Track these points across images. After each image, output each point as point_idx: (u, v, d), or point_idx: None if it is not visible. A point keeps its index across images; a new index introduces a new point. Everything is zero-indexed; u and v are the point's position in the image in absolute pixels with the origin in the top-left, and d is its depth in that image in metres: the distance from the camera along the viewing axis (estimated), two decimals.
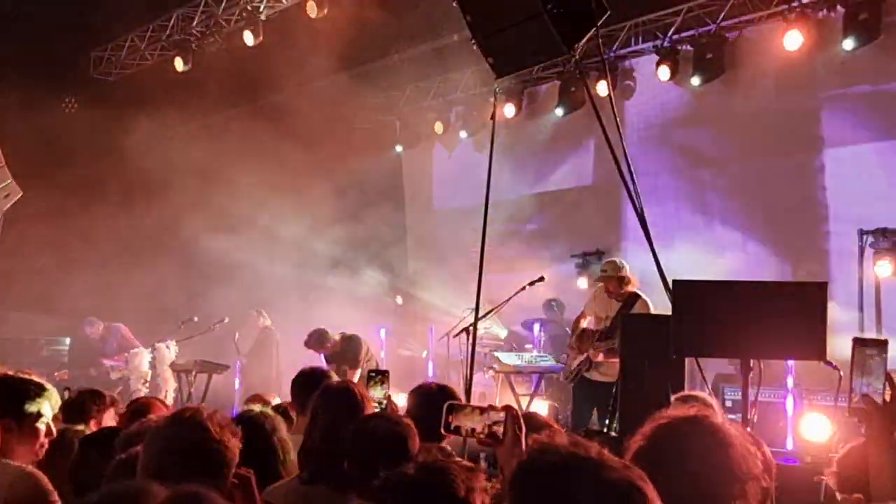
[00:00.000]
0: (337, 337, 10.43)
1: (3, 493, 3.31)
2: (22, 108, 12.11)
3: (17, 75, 12.73)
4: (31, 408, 3.64)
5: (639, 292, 8.58)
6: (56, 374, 12.89)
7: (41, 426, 3.65)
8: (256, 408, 4.28)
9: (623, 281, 8.69)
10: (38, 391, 3.70)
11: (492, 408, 2.88)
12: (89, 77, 14.99)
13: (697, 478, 2.40)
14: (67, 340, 14.28)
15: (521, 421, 2.83)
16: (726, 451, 2.45)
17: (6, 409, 3.62)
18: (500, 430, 2.79)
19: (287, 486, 3.68)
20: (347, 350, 10.37)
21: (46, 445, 3.68)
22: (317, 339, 10.41)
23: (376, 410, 4.44)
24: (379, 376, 4.65)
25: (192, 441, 2.88)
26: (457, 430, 2.90)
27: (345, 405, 3.87)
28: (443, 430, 2.93)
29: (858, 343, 2.79)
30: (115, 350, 12.83)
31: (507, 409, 2.87)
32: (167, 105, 13.40)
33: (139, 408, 4.74)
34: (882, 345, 2.85)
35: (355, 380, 9.98)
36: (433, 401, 4.48)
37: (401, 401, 6.89)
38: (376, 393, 4.54)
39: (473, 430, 2.87)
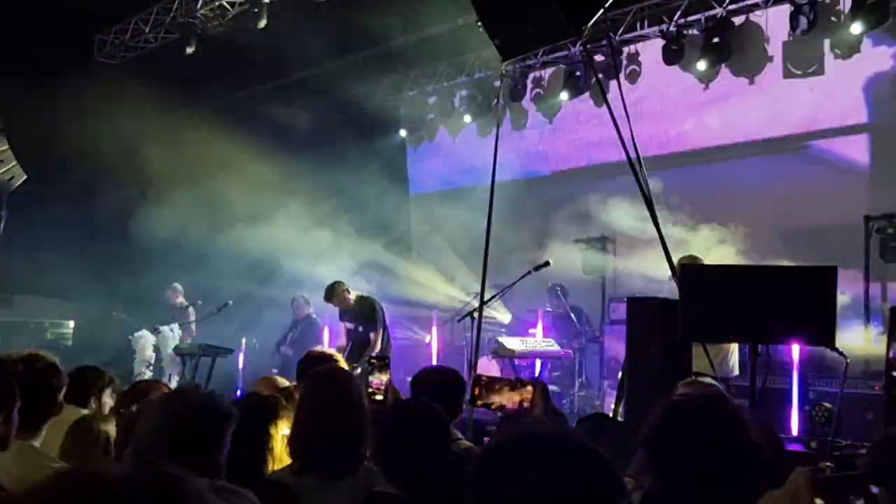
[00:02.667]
0: (352, 294, 10.44)
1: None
2: (26, 91, 12.08)
3: (20, 58, 12.69)
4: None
5: None
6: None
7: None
8: (265, 390, 4.27)
9: None
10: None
11: (520, 381, 2.87)
12: (94, 60, 14.94)
13: (711, 454, 2.41)
14: (71, 324, 14.29)
15: (549, 394, 2.83)
16: (739, 428, 2.47)
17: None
18: (528, 405, 2.79)
19: (280, 476, 3.63)
20: (363, 309, 10.39)
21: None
22: (328, 290, 10.46)
23: (377, 398, 4.43)
24: (379, 362, 4.63)
25: (182, 420, 2.86)
26: (486, 405, 2.89)
27: (333, 392, 3.78)
28: (468, 404, 2.92)
29: None
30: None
31: (536, 382, 2.87)
32: (172, 88, 13.36)
33: (139, 391, 4.72)
34: None
35: (379, 342, 10.17)
36: (439, 385, 4.48)
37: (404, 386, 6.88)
38: (377, 378, 4.51)
39: (503, 405, 2.86)
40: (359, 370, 8.75)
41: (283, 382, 4.80)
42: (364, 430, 3.64)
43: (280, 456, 3.75)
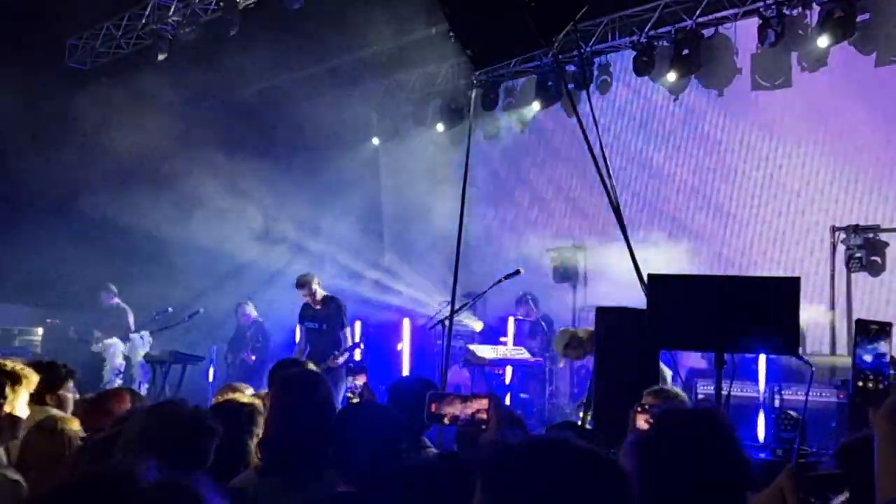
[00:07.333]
0: (319, 289, 10.54)
1: None
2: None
3: None
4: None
5: None
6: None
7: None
8: (240, 397, 4.28)
9: None
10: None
11: (475, 396, 2.90)
12: (65, 66, 14.82)
13: (705, 468, 2.42)
14: (40, 331, 14.13)
15: (503, 408, 2.85)
16: (733, 443, 2.49)
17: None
18: (483, 416, 2.82)
19: (245, 477, 3.66)
20: (330, 309, 10.52)
21: None
22: (301, 278, 10.60)
23: (354, 401, 4.46)
24: (356, 367, 4.67)
25: (173, 430, 2.87)
26: (440, 419, 2.92)
27: (302, 396, 3.79)
28: (426, 420, 2.94)
29: (862, 324, 2.81)
30: (108, 328, 12.75)
31: (490, 396, 2.89)
32: (143, 94, 13.27)
33: (103, 400, 4.66)
34: (886, 327, 2.85)
35: (349, 339, 10.37)
36: (412, 393, 4.51)
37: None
38: (353, 383, 4.55)
39: (457, 417, 2.88)
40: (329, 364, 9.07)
41: (248, 390, 4.81)
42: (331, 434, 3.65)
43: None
